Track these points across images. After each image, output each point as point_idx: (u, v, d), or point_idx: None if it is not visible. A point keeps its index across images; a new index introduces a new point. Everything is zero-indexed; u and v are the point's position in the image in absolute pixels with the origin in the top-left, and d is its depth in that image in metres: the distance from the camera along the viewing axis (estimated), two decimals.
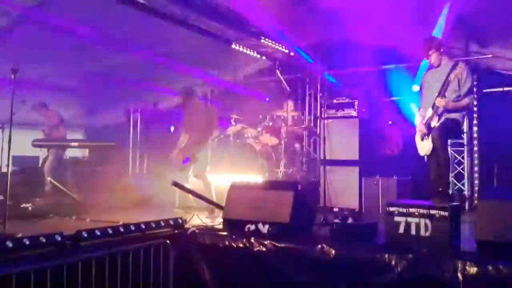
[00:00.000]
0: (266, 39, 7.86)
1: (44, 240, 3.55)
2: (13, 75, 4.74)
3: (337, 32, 7.30)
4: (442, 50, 4.96)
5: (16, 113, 4.70)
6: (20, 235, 3.68)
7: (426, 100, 5.08)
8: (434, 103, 4.84)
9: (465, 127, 7.23)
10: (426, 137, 4.92)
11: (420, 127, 5.00)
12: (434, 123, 4.86)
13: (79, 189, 7.12)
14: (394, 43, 6.97)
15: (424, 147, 4.95)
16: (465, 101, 4.82)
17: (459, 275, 3.33)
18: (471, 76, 4.87)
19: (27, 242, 3.46)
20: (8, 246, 3.35)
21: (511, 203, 3.65)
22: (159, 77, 8.50)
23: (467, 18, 6.37)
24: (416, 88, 6.56)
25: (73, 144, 7.22)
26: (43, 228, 4.57)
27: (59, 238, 3.64)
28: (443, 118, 4.83)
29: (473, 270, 3.31)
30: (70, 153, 8.13)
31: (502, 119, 7.28)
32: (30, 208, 5.54)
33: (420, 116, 5.06)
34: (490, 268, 3.25)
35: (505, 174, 6.53)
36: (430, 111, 4.90)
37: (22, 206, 5.54)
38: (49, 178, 6.33)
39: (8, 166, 4.77)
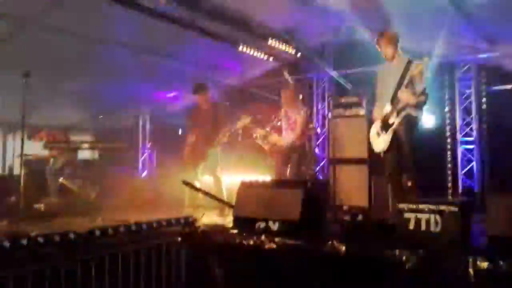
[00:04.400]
0: (273, 40, 7.88)
1: (57, 238, 3.60)
2: (24, 79, 4.84)
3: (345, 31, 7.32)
4: (397, 45, 4.86)
5: (28, 116, 4.80)
6: (34, 233, 3.73)
7: (382, 95, 4.99)
8: (394, 98, 4.74)
9: (474, 125, 7.22)
10: (383, 133, 4.86)
11: (378, 123, 4.94)
12: (393, 119, 4.77)
13: (90, 190, 7.18)
14: None
15: (381, 143, 4.90)
16: (422, 98, 4.69)
17: (470, 270, 3.32)
18: (425, 75, 4.72)
19: (42, 240, 3.51)
20: (23, 244, 3.40)
21: None
22: (167, 79, 8.55)
23: (476, 15, 6.34)
24: None
25: (84, 145, 7.27)
26: (56, 227, 4.62)
27: (72, 236, 3.69)
28: (403, 114, 4.74)
29: (484, 265, 3.29)
30: (80, 155, 8.19)
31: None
32: (42, 209, 5.60)
33: (377, 113, 4.99)
34: (501, 263, 3.23)
35: None
36: (388, 107, 4.81)
37: (34, 206, 5.60)
38: (61, 179, 6.40)
39: (20, 167, 4.85)
